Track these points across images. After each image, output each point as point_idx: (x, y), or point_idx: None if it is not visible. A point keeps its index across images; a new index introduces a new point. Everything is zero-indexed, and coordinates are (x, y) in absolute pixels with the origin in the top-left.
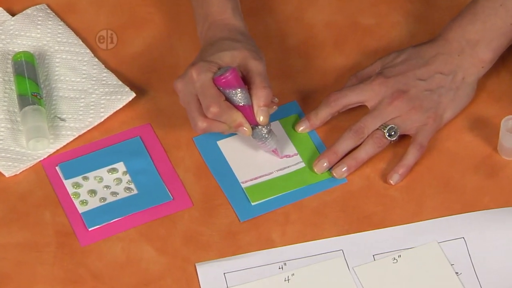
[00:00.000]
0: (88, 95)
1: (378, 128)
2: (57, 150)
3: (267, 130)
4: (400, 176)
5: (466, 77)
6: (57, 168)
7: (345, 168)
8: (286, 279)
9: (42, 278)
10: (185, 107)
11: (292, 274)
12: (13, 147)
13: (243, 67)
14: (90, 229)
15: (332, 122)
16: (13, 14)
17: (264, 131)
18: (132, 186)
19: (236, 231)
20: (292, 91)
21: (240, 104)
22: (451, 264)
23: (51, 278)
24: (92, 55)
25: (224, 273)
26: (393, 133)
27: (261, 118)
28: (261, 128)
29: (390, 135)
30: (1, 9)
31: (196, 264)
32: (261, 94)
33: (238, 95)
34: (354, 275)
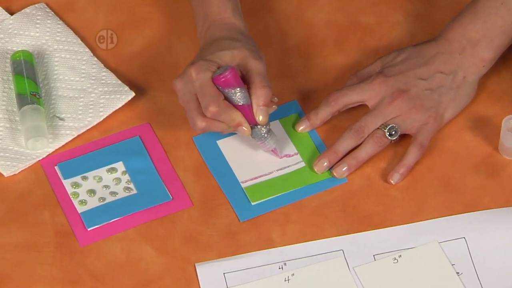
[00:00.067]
0: (87, 94)
1: (378, 128)
2: (56, 150)
3: (267, 129)
4: (401, 176)
5: (466, 76)
6: (56, 167)
7: (345, 168)
8: (286, 279)
9: (41, 278)
10: (184, 106)
11: (292, 274)
12: (11, 147)
13: (243, 66)
14: (89, 229)
15: (332, 121)
16: (11, 13)
17: (263, 130)
18: (131, 186)
19: (236, 231)
20: (292, 90)
21: (239, 104)
22: (452, 264)
23: (50, 278)
24: (91, 54)
25: (224, 273)
26: (393, 132)
27: (260, 118)
28: (260, 128)
29: (390, 135)
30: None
31: (195, 264)
32: (261, 94)
33: (237, 95)
34: (355, 275)
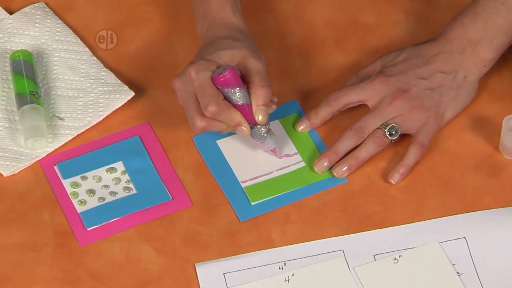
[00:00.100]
0: (86, 94)
1: (378, 127)
2: (56, 150)
3: (266, 129)
4: (401, 176)
5: (467, 76)
6: (55, 167)
7: (345, 168)
8: (286, 279)
9: (40, 278)
10: (183, 106)
11: (292, 274)
12: (11, 147)
13: (242, 66)
14: (88, 229)
15: (333, 121)
16: (11, 13)
17: (263, 130)
18: (131, 185)
19: (235, 231)
20: (292, 90)
21: (239, 103)
22: (452, 264)
23: (50, 279)
24: (91, 53)
25: (223, 273)
26: (393, 132)
27: (259, 118)
28: (259, 128)
29: (390, 134)
30: None
31: (195, 264)
32: (260, 93)
33: (237, 94)
34: (355, 275)
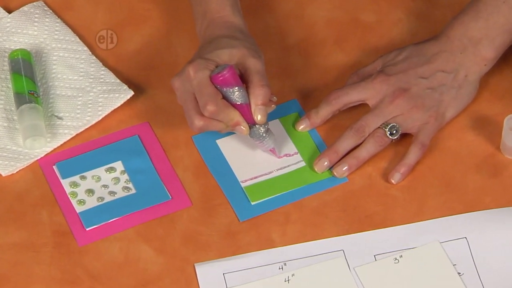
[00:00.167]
0: (85, 93)
1: (379, 127)
2: (54, 149)
3: (265, 129)
4: (402, 175)
5: (468, 75)
6: (54, 167)
7: (346, 167)
8: (286, 279)
9: (39, 278)
10: (182, 105)
11: (292, 275)
12: (9, 146)
13: (241, 65)
14: (87, 229)
15: (333, 120)
16: (9, 12)
17: (262, 130)
18: (130, 185)
19: (235, 231)
20: (292, 89)
21: (238, 103)
22: (453, 264)
23: (48, 279)
24: (90, 52)
25: (223, 274)
26: (394, 131)
27: (258, 117)
28: (258, 127)
29: (391, 134)
30: None
31: (195, 264)
32: (259, 93)
33: (236, 94)
34: (355, 275)
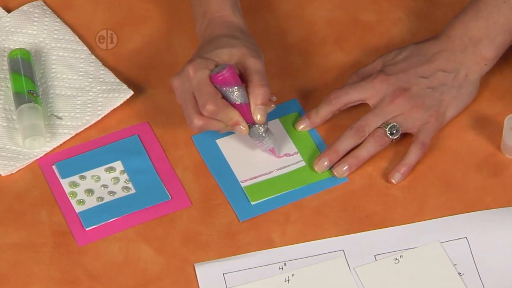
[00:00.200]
0: (85, 93)
1: (379, 127)
2: (54, 149)
3: (264, 129)
4: (402, 175)
5: (468, 74)
6: (53, 167)
7: (346, 167)
8: (286, 279)
9: (38, 278)
10: (181, 105)
11: (292, 275)
12: (9, 146)
13: (241, 64)
14: (87, 229)
15: (333, 120)
16: (9, 11)
17: (261, 130)
18: (129, 185)
19: (235, 231)
20: (292, 89)
21: (237, 102)
22: (454, 264)
23: (48, 279)
24: (89, 52)
25: (223, 274)
26: (394, 131)
27: (258, 117)
28: (258, 127)
29: (391, 134)
30: None
31: (195, 264)
32: (259, 92)
33: (235, 93)
34: (355, 275)
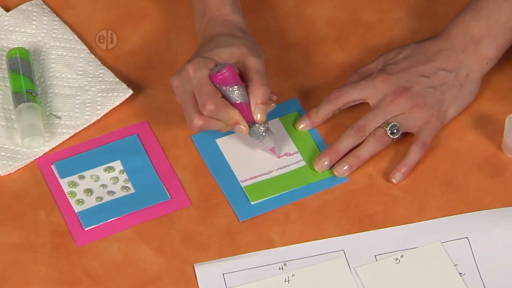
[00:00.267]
0: (84, 92)
1: (380, 126)
2: (53, 148)
3: (265, 128)
4: (403, 175)
5: (470, 74)
6: (52, 166)
7: (346, 167)
8: (286, 279)
9: (37, 278)
10: (181, 104)
11: (293, 275)
12: (7, 145)
13: (241, 64)
14: (86, 229)
15: (333, 119)
16: (7, 10)
17: (261, 129)
18: (129, 185)
19: (235, 231)
20: (292, 88)
21: (237, 102)
22: (455, 265)
23: (47, 279)
24: (88, 51)
25: (223, 274)
26: (395, 131)
27: (258, 116)
28: (258, 126)
29: (392, 133)
30: None
31: (194, 264)
32: (259, 92)
33: (235, 93)
34: (356, 275)
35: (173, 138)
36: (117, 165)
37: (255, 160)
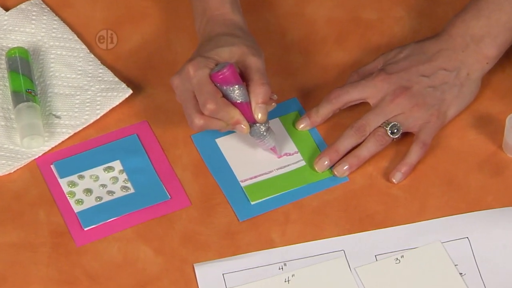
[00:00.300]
0: (83, 91)
1: (380, 126)
2: (52, 148)
3: (265, 127)
4: (403, 175)
5: (470, 73)
6: (52, 166)
7: (346, 167)
8: (286, 280)
9: (36, 278)
10: (181, 104)
11: (293, 275)
12: (7, 145)
13: (242, 63)
14: (85, 229)
15: (333, 119)
16: (6, 9)
17: (262, 128)
18: (128, 185)
19: (235, 231)
20: (292, 87)
21: (238, 101)
22: (455, 265)
23: (46, 279)
24: (88, 51)
25: (223, 274)
26: (395, 130)
27: (259, 116)
28: (259, 126)
29: (392, 133)
30: None
31: (194, 264)
32: (259, 91)
33: (236, 92)
34: (356, 275)
35: (172, 138)
36: (117, 165)
37: (255, 160)
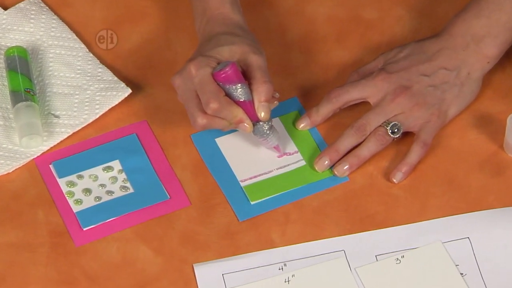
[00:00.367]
0: (82, 91)
1: (380, 125)
2: (51, 148)
3: (269, 126)
4: (404, 175)
5: (471, 72)
6: (50, 166)
7: (347, 166)
8: (286, 280)
9: (35, 279)
10: (183, 104)
11: (293, 275)
12: (5, 145)
13: (243, 62)
14: (84, 229)
15: (334, 119)
16: (5, 8)
17: (266, 127)
18: (128, 184)
19: (235, 231)
20: (292, 87)
21: (241, 100)
22: (456, 265)
23: (45, 279)
24: (87, 50)
25: (222, 274)
26: (396, 130)
27: (262, 114)
28: (262, 124)
29: (393, 132)
30: None
31: (193, 265)
32: (262, 89)
33: (238, 91)
34: (356, 276)
35: (172, 138)
36: (116, 164)
37: (255, 159)
